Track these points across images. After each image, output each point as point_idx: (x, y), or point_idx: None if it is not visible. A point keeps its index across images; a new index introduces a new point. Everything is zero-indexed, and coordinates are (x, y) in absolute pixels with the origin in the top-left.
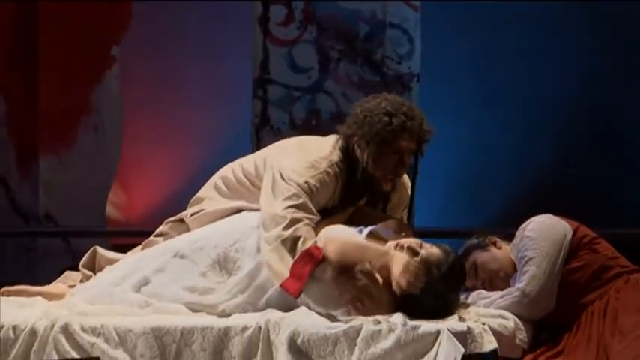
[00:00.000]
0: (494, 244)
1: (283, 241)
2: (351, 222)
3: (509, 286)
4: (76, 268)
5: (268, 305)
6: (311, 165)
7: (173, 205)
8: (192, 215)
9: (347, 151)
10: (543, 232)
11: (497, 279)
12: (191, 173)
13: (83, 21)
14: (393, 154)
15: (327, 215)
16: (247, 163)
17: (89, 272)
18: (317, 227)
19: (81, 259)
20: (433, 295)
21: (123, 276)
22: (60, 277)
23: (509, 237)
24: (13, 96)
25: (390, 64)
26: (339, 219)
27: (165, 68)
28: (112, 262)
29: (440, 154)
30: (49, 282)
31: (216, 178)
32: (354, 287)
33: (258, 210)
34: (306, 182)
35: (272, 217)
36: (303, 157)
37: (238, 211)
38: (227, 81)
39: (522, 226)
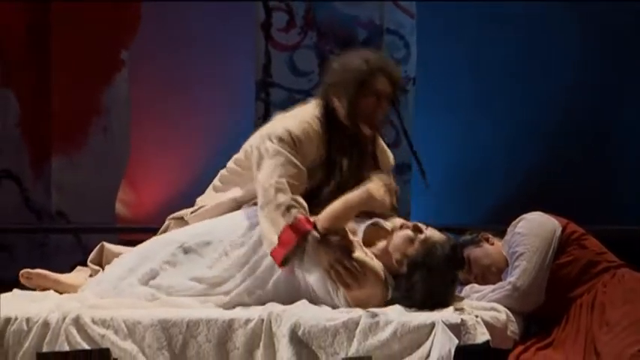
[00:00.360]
0: (487, 240)
1: (271, 211)
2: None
3: (501, 280)
4: (86, 264)
5: (276, 287)
6: (292, 116)
7: (179, 202)
8: (192, 212)
9: (327, 107)
10: (534, 228)
11: (490, 274)
12: (196, 172)
13: (94, 26)
14: (370, 96)
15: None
16: (238, 153)
17: (97, 267)
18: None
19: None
20: (432, 277)
21: (130, 269)
22: (72, 273)
23: (501, 233)
24: (26, 99)
25: None
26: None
27: (171, 72)
28: (118, 256)
29: (435, 153)
30: None
31: (214, 181)
32: (330, 253)
33: (255, 199)
34: (289, 132)
35: (262, 186)
36: (286, 116)
37: (238, 207)
38: (231, 84)
39: (514, 222)
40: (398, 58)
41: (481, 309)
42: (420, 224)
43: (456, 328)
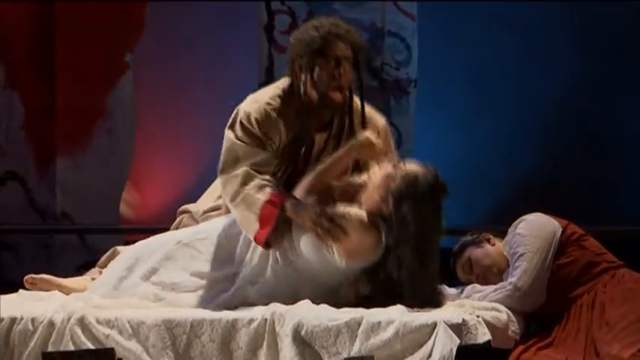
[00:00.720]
0: (488, 241)
1: (244, 197)
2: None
3: (502, 280)
4: (90, 264)
5: (275, 273)
6: (254, 100)
7: (183, 203)
8: (205, 212)
9: (294, 85)
10: (534, 229)
11: (491, 274)
12: (200, 173)
13: (98, 29)
14: (329, 62)
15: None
16: None
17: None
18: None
19: (96, 254)
20: (419, 206)
21: (128, 267)
22: (76, 277)
23: (502, 234)
24: (31, 100)
25: (388, 70)
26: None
27: (175, 74)
28: None
29: (436, 154)
30: (65, 277)
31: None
32: (310, 210)
33: None
34: (248, 115)
35: (227, 179)
36: (248, 99)
37: None
38: (234, 86)
39: (514, 223)
40: (399, 61)
41: (482, 309)
42: (397, 162)
43: (458, 328)
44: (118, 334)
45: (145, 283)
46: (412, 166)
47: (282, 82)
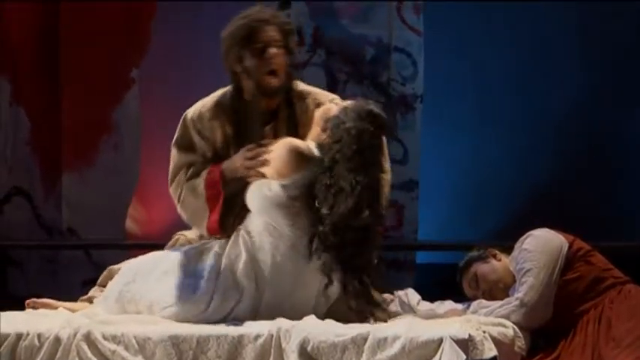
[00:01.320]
0: (494, 256)
1: (186, 189)
2: None
3: (508, 296)
4: (96, 280)
5: (250, 255)
6: (194, 106)
7: None
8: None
9: (234, 82)
10: (540, 245)
11: (497, 289)
12: None
13: (104, 44)
14: (257, 47)
15: None
16: None
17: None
18: None
19: (101, 270)
20: (356, 129)
21: (127, 283)
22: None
23: (508, 250)
24: (36, 116)
25: (394, 85)
26: None
27: (182, 89)
28: None
29: (442, 169)
30: (71, 292)
31: None
32: (237, 158)
33: None
34: (185, 116)
35: (172, 189)
36: None
37: None
38: None
39: (521, 239)
40: (405, 76)
41: (489, 324)
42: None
43: (464, 344)
44: (124, 350)
45: (147, 294)
46: (349, 101)
47: (227, 87)
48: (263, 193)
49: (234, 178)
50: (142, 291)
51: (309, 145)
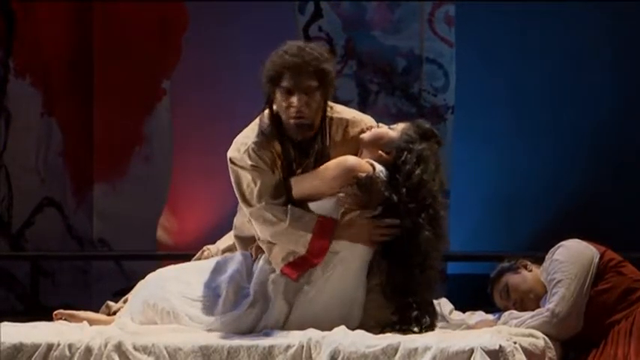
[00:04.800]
0: (525, 267)
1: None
2: None
3: (539, 306)
4: (127, 290)
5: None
6: (241, 143)
7: (221, 230)
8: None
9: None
10: (572, 255)
11: (528, 300)
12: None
13: (136, 56)
14: (281, 92)
15: None
16: None
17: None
18: None
19: (133, 281)
20: (420, 150)
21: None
22: (102, 308)
23: (539, 260)
24: (69, 128)
25: (426, 96)
26: None
27: (213, 100)
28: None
29: (473, 180)
30: (102, 303)
31: None
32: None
33: None
34: (241, 159)
35: (251, 216)
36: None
37: None
38: None
39: (552, 250)
40: (437, 87)
41: (519, 335)
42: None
43: (495, 355)
44: None
45: (173, 299)
46: (401, 124)
47: (263, 115)
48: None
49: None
50: (165, 301)
51: (374, 164)
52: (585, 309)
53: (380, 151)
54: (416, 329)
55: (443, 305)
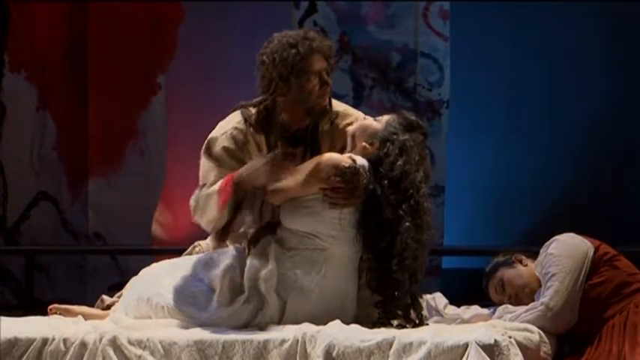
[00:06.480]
0: (520, 261)
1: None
2: None
3: (533, 301)
4: (122, 285)
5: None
6: (221, 127)
7: None
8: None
9: (265, 107)
10: (566, 249)
11: (523, 294)
12: None
13: (131, 50)
14: (312, 78)
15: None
16: None
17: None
18: None
19: (128, 275)
20: (405, 142)
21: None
22: (97, 302)
23: (534, 255)
24: (64, 122)
25: (420, 91)
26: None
27: (207, 95)
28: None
29: (468, 175)
30: (97, 297)
31: None
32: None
33: None
34: (215, 140)
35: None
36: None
37: None
38: None
39: (546, 244)
40: (432, 82)
41: (514, 329)
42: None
43: (490, 349)
44: (150, 355)
45: (167, 294)
46: (386, 116)
47: (242, 111)
48: (299, 208)
49: (252, 183)
50: (159, 296)
51: (355, 158)
52: (580, 303)
53: (364, 143)
54: (398, 323)
55: (437, 300)
